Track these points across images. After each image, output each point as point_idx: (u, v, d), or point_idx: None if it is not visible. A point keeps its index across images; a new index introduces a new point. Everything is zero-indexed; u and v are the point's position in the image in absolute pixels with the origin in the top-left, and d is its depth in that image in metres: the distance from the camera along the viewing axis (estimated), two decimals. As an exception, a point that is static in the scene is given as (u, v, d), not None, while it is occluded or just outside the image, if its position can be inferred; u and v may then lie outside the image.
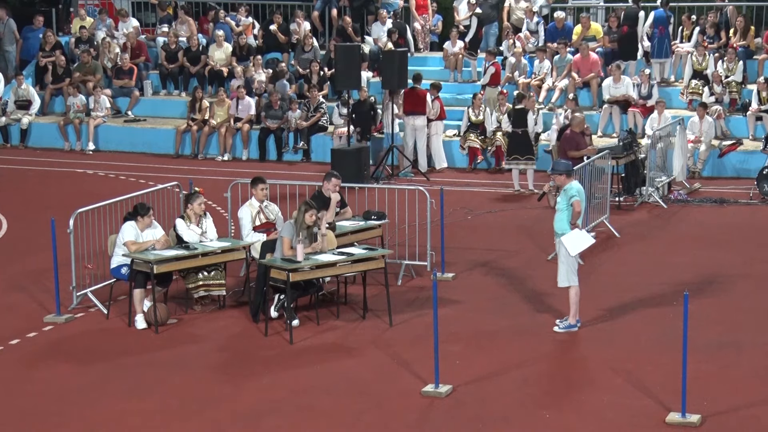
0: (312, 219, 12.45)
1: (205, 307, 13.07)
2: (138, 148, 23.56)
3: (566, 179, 12.17)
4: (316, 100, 22.70)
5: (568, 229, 12.07)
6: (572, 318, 12.23)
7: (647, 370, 10.92)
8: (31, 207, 18.68)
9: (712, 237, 16.34)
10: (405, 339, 11.98)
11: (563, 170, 12.26)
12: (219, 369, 11.23)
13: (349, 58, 20.07)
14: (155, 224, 12.93)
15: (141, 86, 25.12)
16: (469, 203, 18.57)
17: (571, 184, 12.16)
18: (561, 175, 12.21)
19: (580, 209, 12.09)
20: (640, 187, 18.52)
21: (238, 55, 24.87)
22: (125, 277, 12.69)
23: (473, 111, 21.43)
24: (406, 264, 14.39)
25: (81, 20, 26.63)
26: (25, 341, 12.12)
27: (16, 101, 24.55)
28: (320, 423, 9.87)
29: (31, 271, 14.66)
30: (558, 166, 12.44)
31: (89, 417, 10.02)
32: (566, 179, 12.17)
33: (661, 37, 22.75)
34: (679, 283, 13.65)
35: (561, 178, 12.20)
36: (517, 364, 11.22)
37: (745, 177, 19.90)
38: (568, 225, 12.07)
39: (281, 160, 22.53)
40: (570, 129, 18.33)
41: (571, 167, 12.56)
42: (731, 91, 21.62)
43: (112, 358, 11.56)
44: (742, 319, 12.61)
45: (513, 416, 9.97)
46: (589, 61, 22.63)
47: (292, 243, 12.27)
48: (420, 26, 25.78)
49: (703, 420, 9.72)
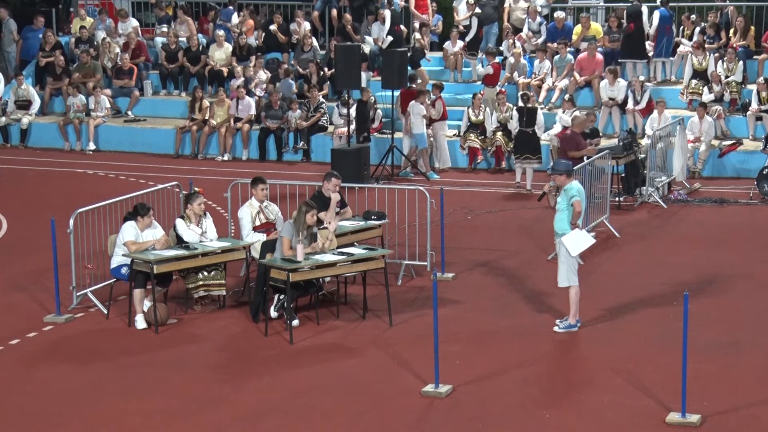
0: (313, 219, 12.45)
1: (205, 307, 13.07)
2: (138, 148, 23.56)
3: (566, 179, 12.17)
4: (316, 100, 22.71)
5: (568, 229, 12.07)
6: (572, 318, 12.22)
7: (647, 370, 10.92)
8: (31, 207, 18.68)
9: (712, 237, 16.34)
10: (405, 339, 11.98)
11: (563, 170, 12.26)
12: (219, 369, 11.23)
13: (349, 58, 20.07)
14: (155, 224, 12.93)
15: (141, 86, 25.12)
16: (469, 203, 18.57)
17: (572, 184, 12.16)
18: (561, 175, 12.21)
19: (580, 209, 12.10)
20: (640, 187, 18.52)
21: (238, 55, 24.87)
22: (125, 277, 12.69)
23: (473, 111, 21.43)
24: (406, 264, 14.39)
25: (81, 20, 26.62)
26: (25, 341, 12.12)
27: (16, 101, 24.55)
28: (320, 423, 9.87)
29: (31, 271, 14.66)
30: (558, 166, 12.44)
31: (89, 417, 10.02)
32: (566, 179, 12.17)
33: (669, 36, 22.77)
34: (679, 283, 13.65)
35: (561, 178, 12.21)
36: (517, 364, 11.23)
37: (745, 177, 19.90)
38: (568, 225, 12.08)
39: (281, 160, 22.53)
40: (570, 129, 18.37)
41: (571, 167, 12.57)
42: (731, 91, 21.62)
43: (112, 358, 11.56)
44: (742, 319, 12.61)
45: (513, 416, 9.97)
46: (594, 60, 22.63)
47: (292, 243, 12.27)
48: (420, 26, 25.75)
49: (703, 420, 9.72)
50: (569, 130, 18.39)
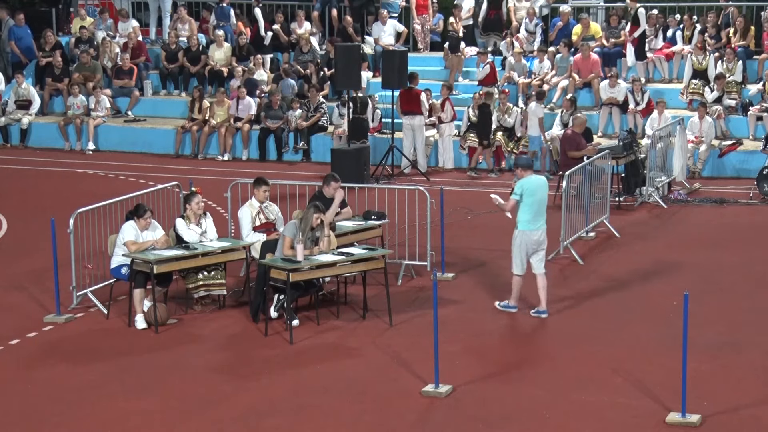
0: (317, 222, 12.44)
1: (205, 307, 13.07)
2: (138, 148, 23.55)
3: (522, 172, 12.71)
4: (316, 100, 22.71)
5: (518, 220, 12.63)
6: (513, 299, 12.88)
7: (647, 370, 10.92)
8: (31, 207, 18.68)
9: (712, 237, 16.34)
10: (405, 339, 11.98)
11: (522, 164, 12.87)
12: (219, 369, 11.23)
13: (349, 58, 20.07)
14: (155, 224, 12.93)
15: (141, 86, 25.11)
16: (469, 203, 18.56)
17: (522, 180, 12.63)
18: (518, 168, 12.89)
19: (509, 209, 12.73)
20: (640, 187, 18.52)
21: (238, 55, 24.87)
22: (125, 277, 12.69)
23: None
24: (406, 264, 14.39)
25: (81, 20, 26.62)
26: (25, 341, 12.12)
27: (16, 101, 24.55)
28: (320, 423, 9.87)
29: (31, 271, 14.66)
30: (518, 161, 13.12)
31: (89, 417, 10.02)
32: (522, 172, 12.71)
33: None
34: (679, 283, 13.65)
35: (518, 171, 12.84)
36: (517, 364, 11.23)
37: (745, 177, 19.90)
38: (520, 217, 12.62)
39: (281, 160, 22.53)
40: (570, 129, 18.37)
41: (530, 161, 13.31)
42: (731, 91, 21.61)
43: (112, 358, 11.56)
44: (742, 319, 12.61)
45: (513, 416, 9.97)
46: (589, 61, 22.63)
47: (293, 242, 12.27)
48: (420, 26, 25.75)
49: (703, 420, 9.72)
50: (569, 130, 18.40)
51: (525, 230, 12.59)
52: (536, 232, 12.61)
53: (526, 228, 12.59)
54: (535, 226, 12.60)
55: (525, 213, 12.57)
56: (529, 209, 12.55)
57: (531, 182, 12.61)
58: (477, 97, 21.39)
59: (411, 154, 21.26)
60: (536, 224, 12.60)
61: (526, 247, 12.62)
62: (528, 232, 12.59)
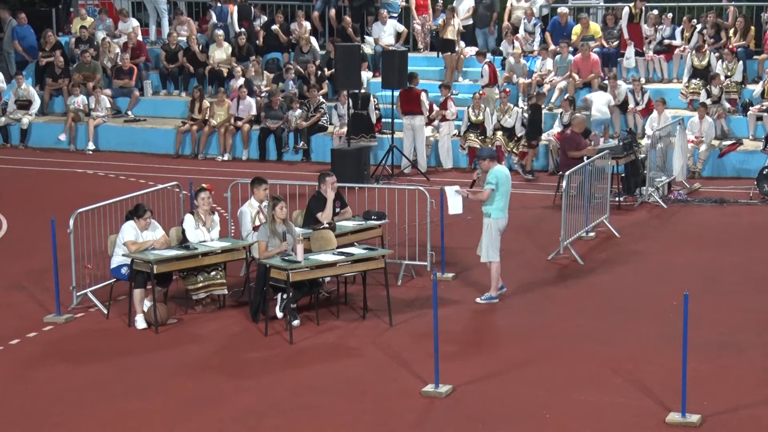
0: (283, 212, 12.48)
1: (206, 307, 13.07)
2: (138, 148, 23.55)
3: (489, 163, 13.08)
4: (316, 100, 22.71)
5: (492, 209, 12.91)
6: (493, 291, 13.15)
7: (647, 370, 10.92)
8: (31, 207, 18.68)
9: (712, 237, 16.34)
10: (405, 339, 11.98)
11: (486, 155, 13.34)
12: (219, 369, 11.23)
13: (349, 58, 20.06)
14: (155, 224, 12.93)
15: (141, 86, 25.11)
16: (469, 203, 18.51)
17: (492, 170, 12.97)
18: (485, 160, 13.18)
19: (485, 198, 12.96)
20: (640, 187, 18.51)
21: (238, 56, 24.87)
22: (125, 277, 12.69)
23: (473, 111, 21.42)
24: (406, 264, 14.39)
25: (81, 20, 26.61)
26: (25, 341, 12.13)
27: (16, 101, 24.54)
28: (320, 423, 9.87)
29: (31, 271, 14.66)
30: (481, 152, 13.67)
31: (89, 417, 10.03)
32: (489, 163, 13.08)
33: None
34: (679, 282, 13.65)
35: (485, 162, 13.18)
36: (517, 364, 11.23)
37: (745, 177, 19.89)
38: (491, 205, 12.90)
39: (281, 160, 22.52)
40: (570, 129, 18.37)
41: (494, 152, 13.70)
42: (731, 91, 21.60)
43: (112, 358, 11.56)
44: (742, 319, 12.61)
45: (513, 416, 9.97)
46: (589, 61, 22.63)
47: (267, 245, 12.40)
48: (420, 26, 25.75)
49: (703, 420, 9.72)
50: (569, 129, 18.40)
51: (498, 218, 13.09)
52: (505, 219, 13.16)
53: (499, 216, 13.09)
54: (505, 214, 13.13)
55: (499, 201, 13.02)
56: (502, 198, 13.03)
57: (502, 171, 13.10)
58: (527, 94, 21.60)
59: (411, 154, 21.27)
60: (506, 212, 13.14)
61: (499, 234, 13.09)
62: (500, 219, 13.09)
